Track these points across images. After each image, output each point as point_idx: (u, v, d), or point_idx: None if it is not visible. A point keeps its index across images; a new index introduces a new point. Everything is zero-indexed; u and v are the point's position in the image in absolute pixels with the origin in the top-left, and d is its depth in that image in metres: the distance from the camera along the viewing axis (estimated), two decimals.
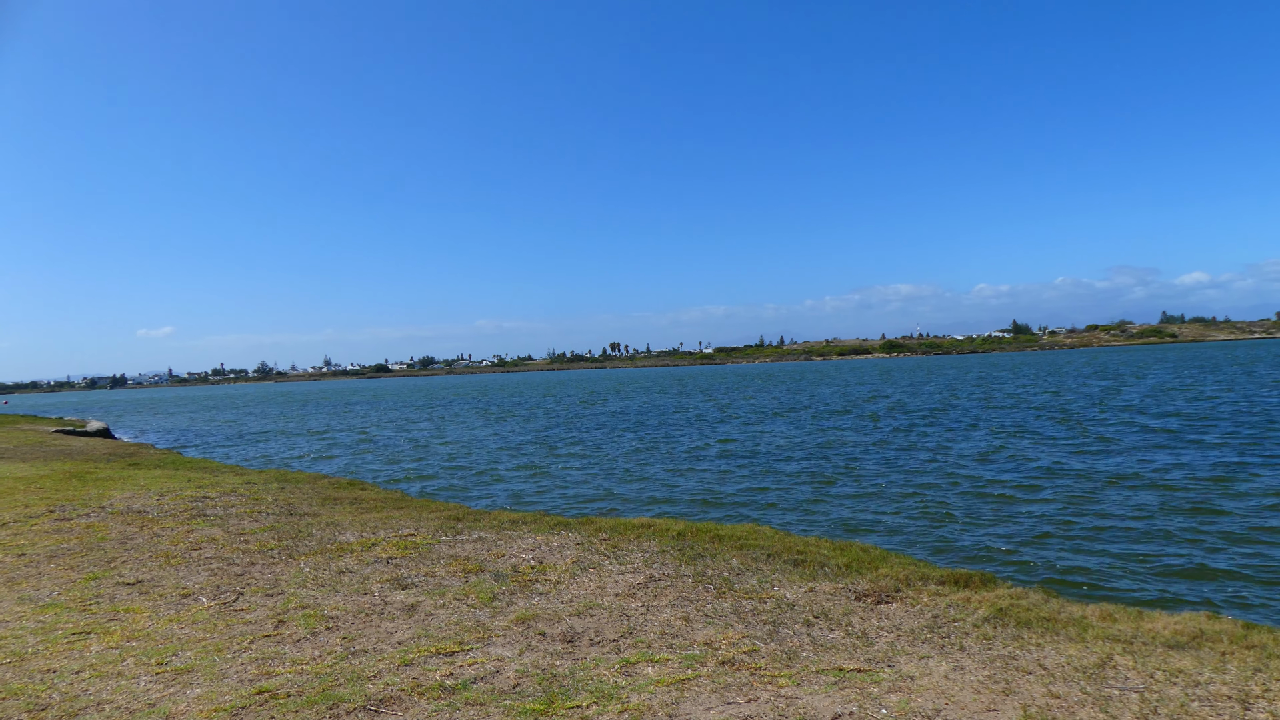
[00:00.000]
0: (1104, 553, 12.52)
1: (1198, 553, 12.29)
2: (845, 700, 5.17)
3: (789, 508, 17.42)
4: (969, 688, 5.36)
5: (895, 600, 7.60)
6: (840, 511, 16.70)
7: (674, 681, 5.55)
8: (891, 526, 15.10)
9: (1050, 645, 6.21)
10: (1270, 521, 13.93)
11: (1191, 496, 16.31)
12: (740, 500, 18.60)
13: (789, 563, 9.05)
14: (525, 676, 5.73)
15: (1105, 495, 16.89)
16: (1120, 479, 18.71)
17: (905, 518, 15.77)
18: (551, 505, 18.89)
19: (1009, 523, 14.86)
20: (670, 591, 7.97)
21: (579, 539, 10.49)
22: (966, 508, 16.40)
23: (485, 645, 6.43)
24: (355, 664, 6.06)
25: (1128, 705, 5.00)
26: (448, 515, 12.75)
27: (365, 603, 7.75)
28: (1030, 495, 17.28)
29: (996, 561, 12.34)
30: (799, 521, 15.84)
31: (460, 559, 9.50)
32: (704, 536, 10.38)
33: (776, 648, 6.25)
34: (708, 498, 19.10)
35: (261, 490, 15.88)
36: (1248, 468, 19.45)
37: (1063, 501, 16.47)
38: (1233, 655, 5.98)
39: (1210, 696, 5.12)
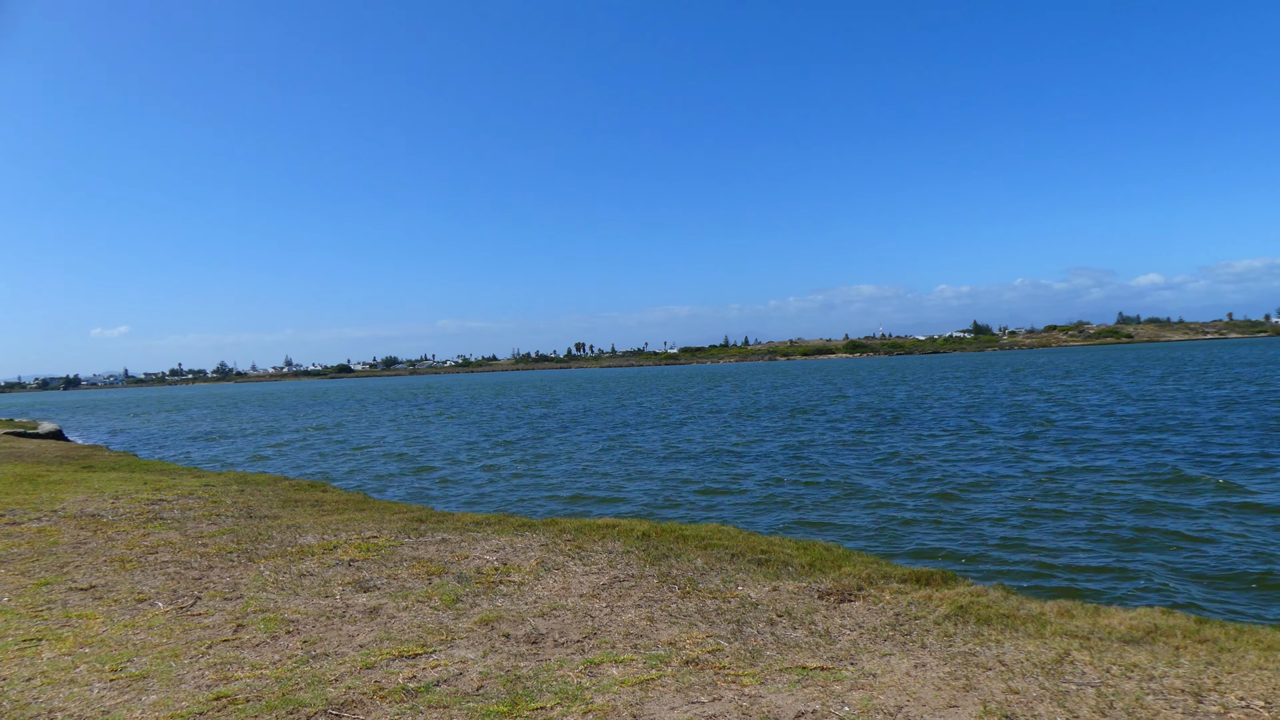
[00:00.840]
0: (1062, 550, 12.71)
1: (1153, 550, 12.52)
2: (808, 698, 5.21)
3: (753, 507, 17.50)
4: (930, 684, 5.41)
5: (858, 599, 7.66)
6: (804, 511, 16.81)
7: (638, 682, 5.55)
8: (854, 525, 15.23)
9: (1010, 642, 6.30)
10: (1220, 519, 14.23)
11: (1146, 495, 16.61)
12: (705, 500, 18.65)
13: (753, 562, 9.09)
14: (489, 678, 5.70)
15: (1063, 494, 17.15)
16: (1078, 478, 19.02)
17: (868, 517, 15.90)
18: (516, 506, 18.81)
19: (970, 521, 15.04)
20: (635, 592, 7.97)
21: (543, 540, 10.45)
22: (928, 507, 16.57)
23: (448, 647, 6.39)
24: (316, 668, 5.99)
25: (1085, 700, 5.08)
26: (411, 517, 12.65)
27: (326, 606, 7.66)
28: (991, 494, 17.51)
29: (958, 559, 12.49)
30: (763, 521, 15.92)
31: (423, 561, 9.43)
32: (668, 536, 10.39)
33: (740, 647, 6.27)
34: (673, 497, 19.13)
35: (220, 493, 15.65)
36: (1201, 466, 19.85)
37: (1022, 500, 16.71)
38: (1186, 649, 6.11)
39: (1164, 690, 5.22)
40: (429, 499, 20.39)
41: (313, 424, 54.53)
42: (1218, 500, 15.67)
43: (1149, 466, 20.03)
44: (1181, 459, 20.99)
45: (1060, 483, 18.34)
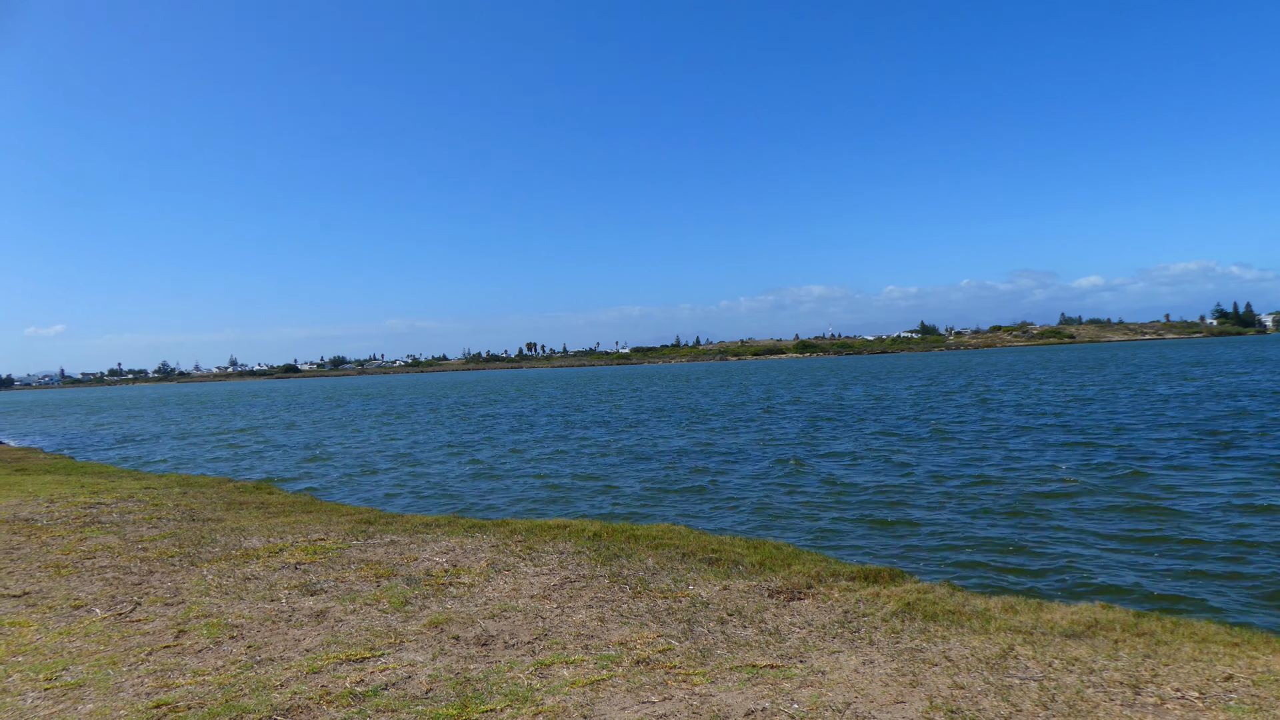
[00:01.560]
0: (1008, 546, 12.96)
1: (1095, 544, 12.81)
2: (758, 696, 5.24)
3: (705, 506, 17.57)
4: (878, 681, 5.48)
5: (807, 597, 7.73)
6: (755, 510, 16.91)
7: (589, 682, 5.54)
8: (805, 524, 15.36)
9: (955, 637, 6.40)
10: (1161, 516, 14.61)
11: (1090, 491, 17.00)
12: (656, 500, 18.69)
13: (704, 561, 9.13)
14: (438, 681, 5.65)
15: (1010, 491, 17.48)
16: (1023, 475, 19.40)
17: (818, 515, 16.05)
18: (466, 507, 18.67)
19: (917, 518, 15.26)
20: (586, 592, 7.96)
21: (494, 541, 10.39)
22: (878, 504, 16.78)
23: (397, 650, 6.32)
24: (261, 673, 5.88)
25: (1027, 693, 5.19)
26: (359, 519, 12.49)
27: (272, 610, 7.53)
28: (938, 490, 17.78)
29: (905, 557, 12.66)
30: (714, 520, 15.99)
31: (371, 563, 9.31)
32: (620, 537, 10.39)
33: (691, 646, 6.29)
34: (625, 498, 19.13)
35: (161, 495, 15.30)
36: (1145, 464, 20.37)
37: (969, 497, 17.00)
38: (1125, 643, 6.26)
39: (1104, 683, 5.35)
40: (378, 501, 20.14)
41: (258, 425, 53.55)
42: (1156, 499, 16.09)
43: (1096, 464, 20.51)
44: (1124, 457, 21.53)
45: (1008, 480, 18.69)
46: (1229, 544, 12.41)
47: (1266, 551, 11.94)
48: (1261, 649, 6.13)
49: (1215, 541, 12.60)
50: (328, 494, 21.19)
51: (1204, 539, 12.77)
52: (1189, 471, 18.81)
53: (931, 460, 22.61)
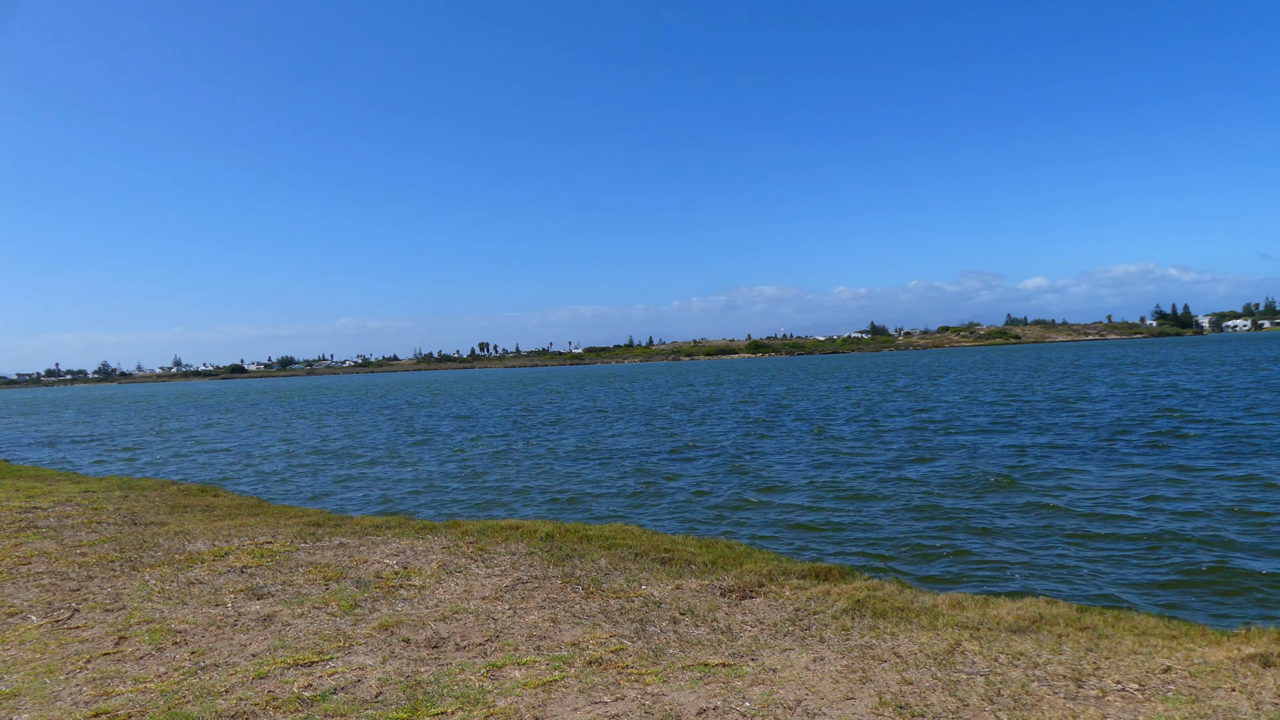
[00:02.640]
0: (955, 543, 13.17)
1: (1038, 540, 13.08)
2: (710, 695, 5.26)
3: (658, 506, 17.61)
4: (828, 678, 5.53)
5: (759, 595, 7.78)
6: (708, 510, 16.99)
7: (541, 683, 5.52)
8: (756, 523, 15.46)
9: (904, 634, 6.49)
10: (1103, 512, 14.95)
11: (1031, 488, 17.35)
12: (609, 499, 18.68)
13: (656, 561, 9.14)
14: (388, 685, 5.58)
15: (956, 488, 17.76)
16: (970, 472, 19.73)
17: (770, 514, 16.17)
18: (417, 509, 18.49)
19: (867, 516, 15.45)
20: (538, 593, 7.92)
21: (445, 543, 10.30)
22: (827, 502, 16.95)
23: (346, 654, 6.23)
24: (205, 679, 5.77)
25: (974, 688, 5.27)
26: (307, 521, 12.30)
27: (217, 614, 7.39)
28: (886, 488, 18.02)
29: (855, 554, 12.80)
30: (668, 520, 16.03)
31: (320, 566, 9.18)
32: (572, 537, 10.37)
33: (644, 646, 6.30)
34: (577, 498, 19.09)
35: (102, 499, 14.92)
36: (1088, 461, 20.83)
37: (916, 494, 17.24)
38: (1068, 637, 6.40)
39: (1048, 676, 5.46)
40: (327, 502, 19.86)
41: (202, 426, 52.50)
42: (1105, 496, 16.47)
43: (1036, 462, 20.92)
44: (1073, 455, 21.99)
45: (952, 477, 18.99)
46: (1146, 536, 12.75)
47: (1166, 541, 12.29)
48: (1198, 641, 6.31)
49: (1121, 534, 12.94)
50: (275, 496, 20.84)
51: (1123, 533, 13.10)
52: (1123, 468, 19.29)
53: (878, 458, 22.89)
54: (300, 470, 27.03)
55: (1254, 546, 12.14)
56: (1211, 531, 13.05)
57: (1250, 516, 13.93)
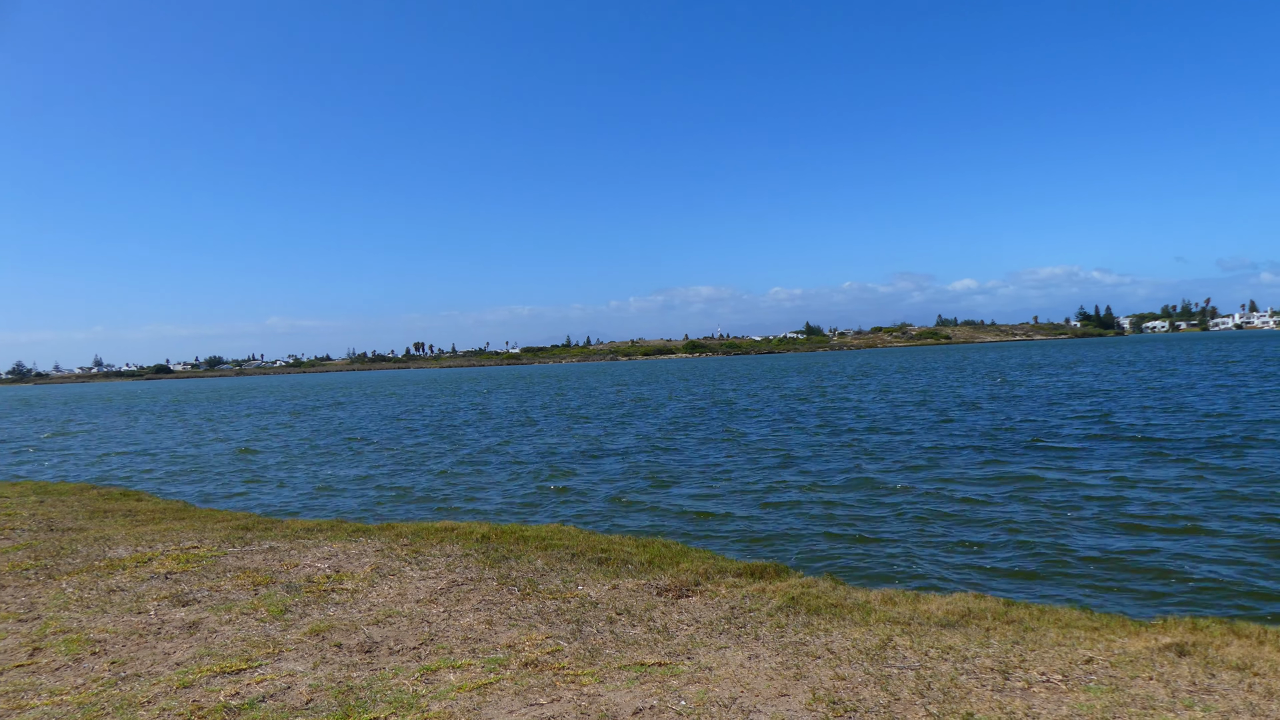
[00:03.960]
0: (888, 539, 13.40)
1: (967, 535, 13.38)
2: (646, 694, 5.26)
3: (595, 506, 17.59)
4: (763, 675, 5.58)
5: (695, 594, 7.82)
6: (645, 509, 17.02)
7: (476, 686, 5.46)
8: (694, 522, 15.54)
9: (838, 630, 6.58)
10: (1018, 507, 15.36)
11: (962, 484, 17.75)
12: (545, 500, 18.60)
13: (593, 561, 9.13)
14: (319, 691, 5.47)
15: (887, 484, 18.08)
16: (899, 469, 20.11)
17: (709, 512, 16.26)
18: (349, 511, 18.18)
19: (802, 514, 15.63)
20: (474, 595, 7.85)
21: (379, 545, 10.15)
22: (764, 500, 17.11)
23: (275, 661, 6.09)
24: (126, 690, 5.58)
25: (905, 682, 5.37)
26: (235, 525, 12.01)
27: (139, 623, 7.16)
28: (821, 485, 18.25)
29: (791, 552, 12.94)
30: (604, 520, 16.02)
31: (249, 571, 8.97)
32: (509, 538, 10.30)
33: (580, 646, 6.28)
34: (515, 499, 18.97)
35: (15, 505, 14.37)
36: (1013, 457, 21.37)
37: (852, 491, 17.50)
38: (995, 630, 6.56)
39: (976, 669, 5.59)
40: (256, 505, 19.41)
41: (125, 427, 50.90)
42: (1020, 491, 16.92)
43: (967, 458, 21.40)
44: (990, 451, 22.55)
45: (884, 473, 19.33)
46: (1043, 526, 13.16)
47: (1044, 530, 12.70)
48: (1118, 632, 6.52)
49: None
50: (202, 500, 20.31)
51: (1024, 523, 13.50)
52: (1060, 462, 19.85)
53: (817, 456, 23.19)
54: (228, 473, 26.38)
55: (1161, 539, 12.59)
56: (1119, 525, 13.49)
57: (1156, 512, 14.43)
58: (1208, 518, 13.69)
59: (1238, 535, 12.53)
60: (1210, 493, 15.62)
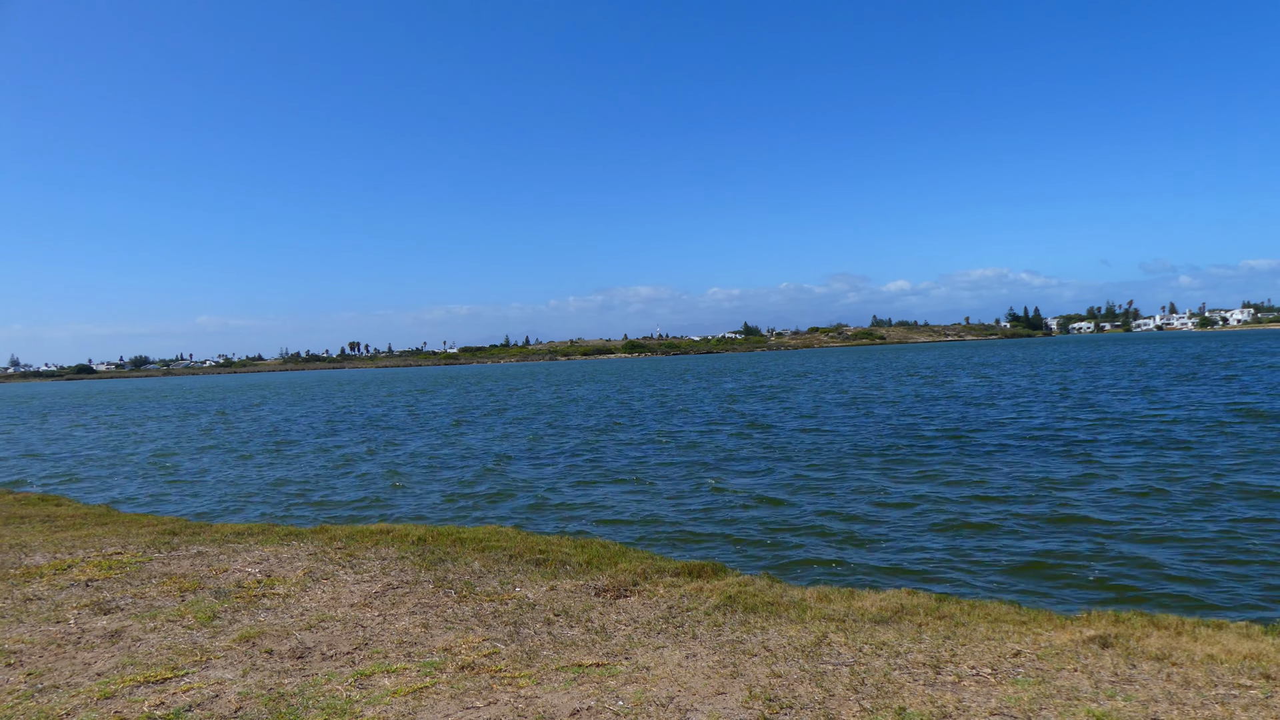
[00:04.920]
0: (824, 536, 13.58)
1: (901, 532, 13.62)
2: (584, 695, 5.25)
3: (531, 507, 17.49)
4: (700, 673, 5.61)
5: (633, 594, 7.82)
6: (583, 510, 16.98)
7: (411, 691, 5.39)
8: (633, 522, 15.55)
9: (774, 628, 6.64)
10: (950, 505, 15.70)
11: (895, 482, 18.06)
12: (481, 502, 18.45)
13: (531, 563, 9.08)
14: (249, 699, 5.35)
15: (821, 483, 18.31)
16: (833, 467, 20.39)
17: (647, 512, 16.29)
18: (283, 514, 17.81)
19: (740, 513, 15.75)
20: (409, 598, 7.75)
21: (312, 549, 9.96)
22: (702, 500, 17.19)
23: (203, 669, 5.93)
24: (43, 702, 5.38)
25: (840, 679, 5.44)
26: (162, 530, 11.67)
27: (57, 632, 6.91)
28: (759, 484, 18.41)
29: (728, 551, 13.03)
30: (542, 521, 15.94)
31: (176, 577, 8.72)
32: (445, 540, 10.19)
33: (517, 648, 6.24)
34: (452, 501, 18.78)
35: None
36: (942, 456, 21.82)
37: (789, 489, 17.69)
38: (928, 626, 6.68)
39: (909, 665, 5.69)
40: (183, 509, 18.89)
41: (43, 429, 49.14)
42: (960, 488, 17.29)
43: (898, 455, 21.79)
44: (925, 448, 23.00)
45: (825, 470, 19.58)
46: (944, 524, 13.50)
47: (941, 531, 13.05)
48: (1045, 625, 6.69)
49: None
50: (125, 504, 19.71)
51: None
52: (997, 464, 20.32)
53: (755, 455, 23.39)
54: (152, 476, 25.64)
55: (1096, 534, 12.97)
56: (1048, 521, 13.87)
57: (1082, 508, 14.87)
58: (1127, 514, 14.14)
59: (1156, 530, 12.96)
60: (1128, 489, 16.13)
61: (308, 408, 60.24)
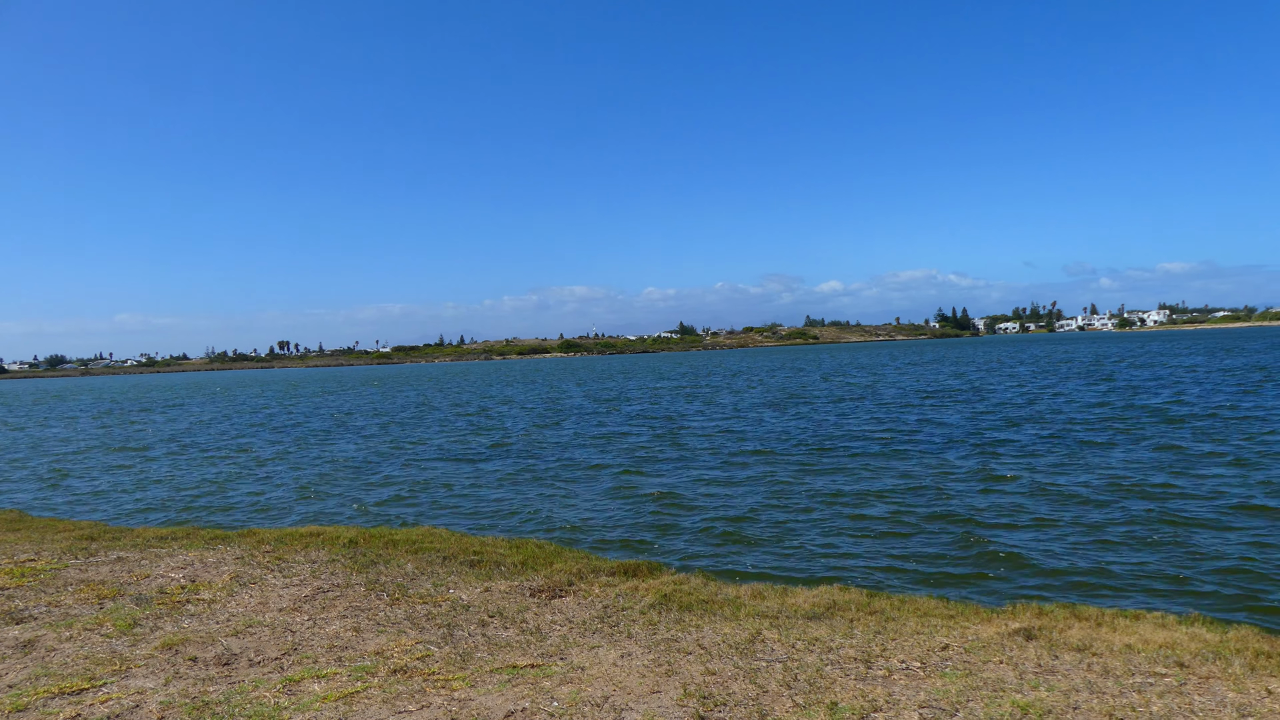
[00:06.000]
0: (759, 534, 13.70)
1: (833, 529, 13.82)
2: (518, 697, 5.21)
3: (467, 508, 17.33)
4: (635, 673, 5.61)
5: (569, 594, 7.80)
6: (519, 510, 16.87)
7: (342, 696, 5.29)
8: (569, 522, 15.50)
9: (708, 626, 6.68)
10: (877, 504, 15.99)
11: (830, 476, 18.33)
12: (415, 504, 18.21)
13: (465, 564, 8.99)
14: (171, 708, 5.19)
15: (759, 480, 18.49)
16: (769, 465, 20.60)
17: (582, 513, 16.25)
18: (207, 518, 17.34)
19: (676, 511, 15.81)
20: (340, 602, 7.61)
21: (239, 553, 9.72)
22: (639, 499, 17.22)
23: (123, 678, 5.74)
24: None
25: (773, 675, 5.50)
26: (79, 535, 11.28)
27: None
28: (696, 481, 18.52)
29: (664, 550, 13.07)
30: (478, 522, 15.80)
31: (94, 584, 8.43)
32: (377, 543, 10.03)
33: (451, 651, 6.17)
34: (387, 503, 18.50)
35: None
36: (878, 455, 22.20)
37: (725, 487, 17.81)
38: (859, 621, 6.79)
39: (840, 660, 5.77)
40: (103, 514, 18.28)
41: None
42: (882, 485, 17.61)
43: (832, 453, 22.11)
44: (855, 446, 23.38)
45: (756, 467, 19.77)
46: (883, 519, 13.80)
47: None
48: (972, 619, 6.85)
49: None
50: (39, 509, 18.99)
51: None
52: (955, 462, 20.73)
53: (690, 453, 23.52)
54: (71, 479, 24.75)
55: (1012, 529, 13.33)
56: (979, 517, 14.22)
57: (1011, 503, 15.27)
58: (1048, 509, 14.55)
59: (1076, 525, 13.37)
60: (1045, 486, 16.61)
61: (226, 407, 58.77)
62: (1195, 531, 12.60)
